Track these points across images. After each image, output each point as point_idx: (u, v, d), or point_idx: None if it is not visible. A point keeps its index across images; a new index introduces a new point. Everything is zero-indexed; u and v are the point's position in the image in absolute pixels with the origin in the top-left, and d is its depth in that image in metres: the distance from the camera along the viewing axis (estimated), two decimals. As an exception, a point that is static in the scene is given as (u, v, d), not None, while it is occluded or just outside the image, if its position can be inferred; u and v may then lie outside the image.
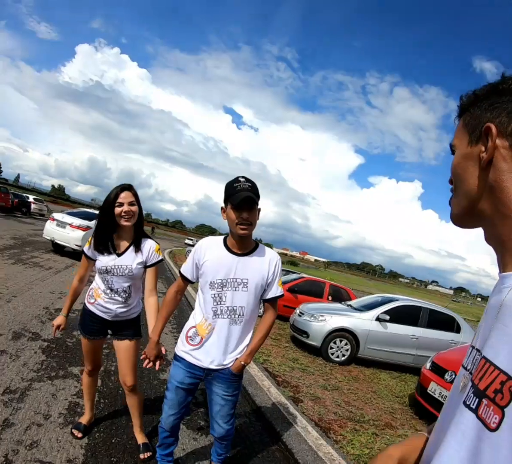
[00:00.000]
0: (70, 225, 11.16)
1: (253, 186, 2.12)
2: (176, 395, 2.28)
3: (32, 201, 27.41)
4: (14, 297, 5.64)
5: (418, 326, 7.69)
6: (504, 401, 0.54)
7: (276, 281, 2.24)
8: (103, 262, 2.53)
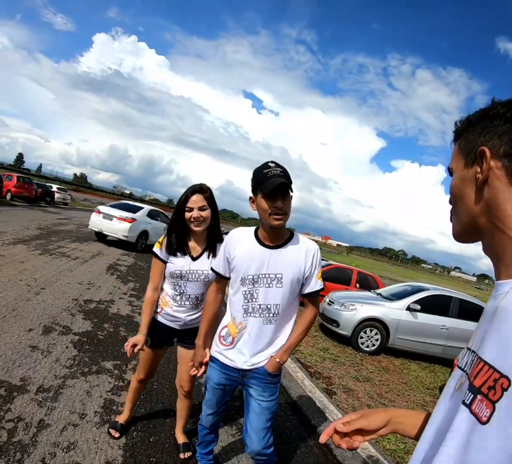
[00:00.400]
0: (117, 218, 12.31)
1: (285, 172, 1.90)
2: (213, 395, 2.16)
3: (56, 190, 27.69)
4: (43, 289, 5.62)
5: (449, 316, 7.54)
6: (496, 396, 0.59)
7: (314, 274, 2.02)
8: (177, 266, 2.38)
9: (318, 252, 2.04)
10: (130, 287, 7.41)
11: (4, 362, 3.19)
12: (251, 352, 2.01)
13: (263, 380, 2.03)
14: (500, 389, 0.59)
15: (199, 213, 2.30)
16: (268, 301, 1.97)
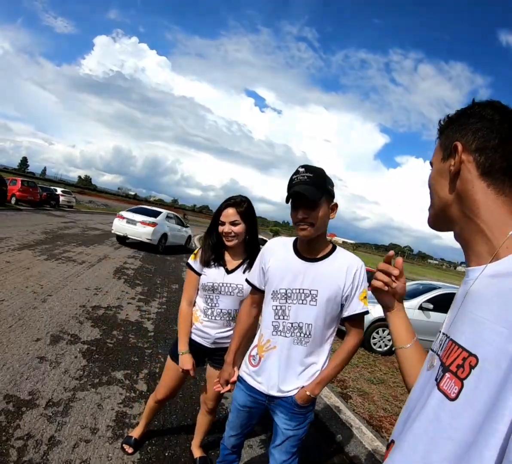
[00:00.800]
0: (141, 222, 13.48)
1: (315, 177, 1.69)
2: (237, 417, 1.99)
3: (61, 193, 27.69)
4: (49, 296, 5.53)
5: None
6: (464, 374, 0.63)
7: (356, 294, 1.77)
8: (210, 278, 2.27)
9: (361, 270, 1.80)
10: (138, 291, 7.31)
11: (12, 375, 3.09)
12: (281, 377, 1.81)
13: (291, 410, 1.83)
14: (468, 367, 0.63)
15: (230, 228, 2.19)
16: (300, 319, 1.77)
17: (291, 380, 1.81)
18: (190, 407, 3.35)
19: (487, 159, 0.76)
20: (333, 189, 1.78)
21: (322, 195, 1.70)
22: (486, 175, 0.76)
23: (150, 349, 4.47)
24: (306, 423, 1.89)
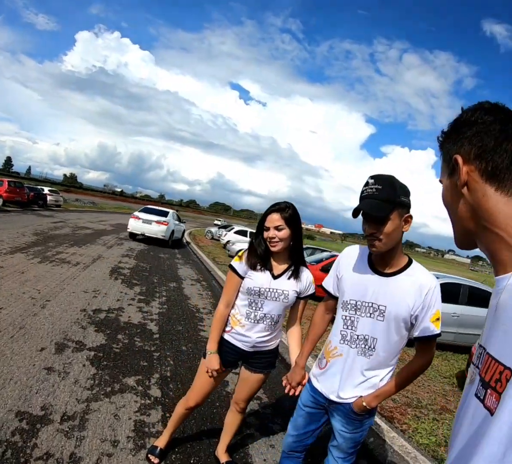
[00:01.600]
0: (155, 222, 16.03)
1: (384, 189, 1.61)
2: (298, 416, 2.03)
3: (48, 193, 27.23)
4: (48, 302, 5.36)
5: (459, 304, 7.56)
6: (502, 388, 0.61)
7: (427, 315, 1.72)
8: (256, 282, 2.22)
9: (435, 291, 1.74)
10: (137, 291, 7.16)
11: (21, 389, 2.95)
12: (341, 384, 1.83)
13: (347, 415, 1.85)
14: (505, 380, 0.60)
15: (275, 233, 2.15)
16: (366, 332, 1.77)
17: (350, 389, 1.82)
18: (208, 410, 3.26)
19: (488, 163, 0.74)
20: (407, 199, 1.68)
21: (392, 209, 1.62)
22: (492, 179, 0.74)
23: (157, 352, 4.36)
24: (364, 428, 1.91)
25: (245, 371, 2.44)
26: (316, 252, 14.31)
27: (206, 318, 6.30)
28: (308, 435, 2.02)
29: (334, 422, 1.91)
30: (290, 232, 2.17)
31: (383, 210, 1.60)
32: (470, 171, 0.76)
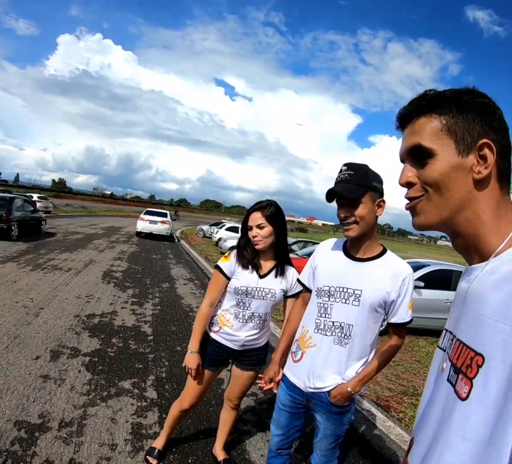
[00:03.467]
0: (160, 222, 19.99)
1: (356, 174, 1.68)
2: (279, 415, 2.00)
3: (37, 199, 26.99)
4: (41, 309, 5.38)
5: (451, 290, 7.64)
6: (473, 373, 0.63)
7: (404, 302, 1.74)
8: (243, 282, 2.25)
9: (411, 278, 1.77)
10: (130, 294, 7.20)
11: (18, 399, 2.99)
12: (316, 374, 1.81)
13: (328, 409, 1.83)
14: (476, 366, 0.63)
15: (257, 232, 2.19)
16: (342, 319, 1.76)
17: (326, 378, 1.80)
18: (204, 409, 3.32)
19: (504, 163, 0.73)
20: (380, 185, 1.74)
21: (365, 192, 1.67)
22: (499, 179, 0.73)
23: (152, 354, 4.41)
24: (344, 423, 1.90)
25: (236, 369, 2.49)
26: (308, 245, 14.36)
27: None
28: (293, 431, 2.03)
29: (317, 417, 1.90)
30: (272, 229, 2.21)
31: (354, 192, 1.65)
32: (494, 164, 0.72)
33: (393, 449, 3.04)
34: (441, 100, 0.76)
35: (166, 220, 20.51)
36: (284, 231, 2.29)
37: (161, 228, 19.97)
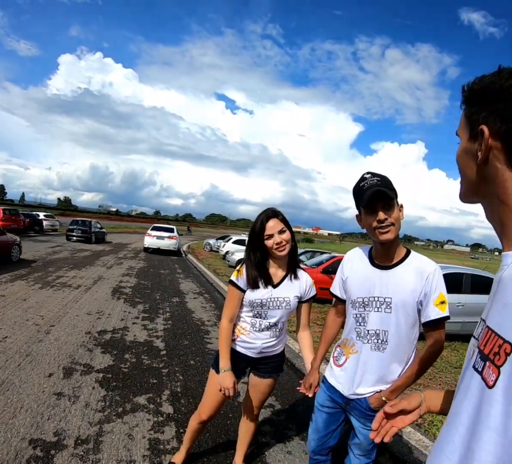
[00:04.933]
0: (167, 237, 20.40)
1: (384, 180, 1.73)
2: (317, 417, 2.05)
3: (43, 218, 27.23)
4: (52, 327, 5.36)
5: (462, 293, 7.59)
6: (500, 361, 0.62)
7: (430, 300, 1.73)
8: (257, 295, 2.23)
9: (436, 275, 1.75)
10: (140, 309, 7.16)
11: (32, 417, 2.94)
12: (357, 381, 1.85)
13: (364, 414, 1.86)
14: (504, 354, 0.61)
15: (281, 237, 2.15)
16: (377, 326, 1.80)
17: (366, 384, 1.85)
18: (222, 422, 3.25)
19: None
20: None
21: (396, 196, 1.74)
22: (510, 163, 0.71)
23: (166, 369, 4.35)
24: None
25: (254, 377, 2.45)
26: (315, 255, 14.30)
27: (212, 330, 6.29)
28: (329, 436, 2.04)
29: (353, 420, 1.92)
30: (290, 233, 2.20)
31: (392, 194, 1.70)
32: (495, 148, 0.71)
33: (414, 454, 2.97)
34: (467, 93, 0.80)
35: (173, 235, 20.86)
36: (294, 236, 2.28)
37: (168, 243, 20.35)
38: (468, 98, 0.79)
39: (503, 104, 0.71)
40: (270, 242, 2.14)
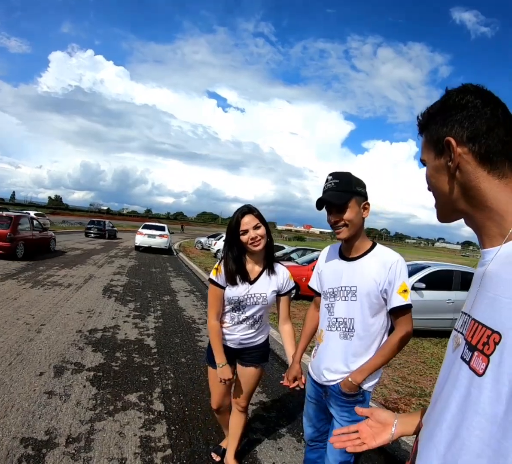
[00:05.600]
0: (158, 236, 20.36)
1: (341, 182, 1.84)
2: (308, 407, 2.13)
3: (34, 217, 27.02)
4: (43, 326, 5.34)
5: (452, 290, 7.69)
6: (490, 350, 0.65)
7: (394, 288, 1.81)
8: (234, 292, 2.32)
9: (398, 265, 1.84)
10: (131, 307, 7.16)
11: (23, 416, 2.94)
12: (327, 367, 1.94)
13: (339, 400, 1.91)
14: (493, 343, 0.65)
15: (256, 233, 2.24)
16: (344, 314, 1.90)
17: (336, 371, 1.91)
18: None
19: (481, 146, 0.77)
20: (364, 190, 1.90)
21: (350, 198, 1.82)
22: (485, 162, 0.77)
23: (157, 367, 4.37)
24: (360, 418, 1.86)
25: (239, 366, 2.53)
26: (307, 253, 14.33)
27: (203, 328, 6.32)
28: (323, 422, 2.08)
29: (332, 411, 1.95)
30: (265, 229, 2.27)
31: (342, 199, 1.81)
32: (463, 153, 0.78)
33: (405, 449, 3.00)
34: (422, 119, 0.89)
35: (164, 233, 20.83)
36: (269, 231, 2.35)
37: (159, 241, 20.34)
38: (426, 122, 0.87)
39: (459, 114, 0.79)
40: (245, 237, 2.23)
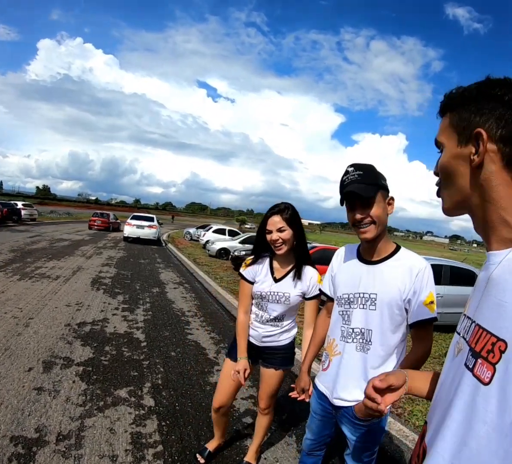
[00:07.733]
0: (147, 226, 20.49)
1: (366, 174, 1.63)
2: (311, 422, 2.00)
3: (22, 207, 26.64)
4: (31, 319, 5.29)
5: (441, 284, 7.75)
6: (495, 359, 0.63)
7: (419, 299, 1.61)
8: (259, 287, 2.34)
9: (426, 272, 1.63)
10: (120, 300, 7.12)
11: (12, 413, 2.92)
12: (341, 382, 1.76)
13: (352, 423, 1.74)
14: (498, 351, 0.63)
15: (278, 235, 2.18)
16: (361, 324, 1.71)
17: (351, 389, 1.73)
18: (203, 415, 3.27)
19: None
20: (386, 183, 1.71)
21: (377, 191, 1.63)
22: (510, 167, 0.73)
23: (147, 360, 4.36)
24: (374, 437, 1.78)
25: (262, 368, 2.51)
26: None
27: (192, 321, 6.31)
28: (325, 437, 2.00)
29: (344, 429, 1.80)
30: (292, 232, 2.20)
31: (369, 191, 1.60)
32: (491, 151, 0.73)
33: (395, 444, 3.03)
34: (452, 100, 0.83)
35: (153, 224, 21.01)
36: (303, 234, 2.29)
37: (148, 232, 20.50)
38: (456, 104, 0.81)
39: (498, 109, 0.73)
40: (268, 237, 2.22)
